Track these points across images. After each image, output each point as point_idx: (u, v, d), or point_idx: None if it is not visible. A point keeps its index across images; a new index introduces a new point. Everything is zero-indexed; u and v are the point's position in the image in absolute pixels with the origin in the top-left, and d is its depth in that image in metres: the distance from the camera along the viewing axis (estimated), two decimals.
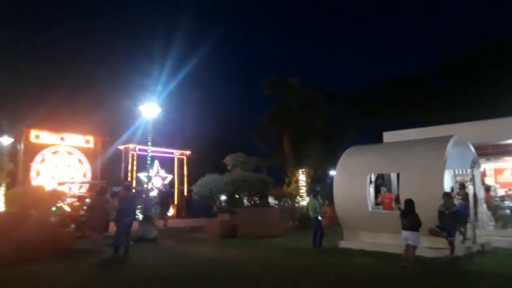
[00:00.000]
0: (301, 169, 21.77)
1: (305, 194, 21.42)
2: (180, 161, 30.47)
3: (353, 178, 11.47)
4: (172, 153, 29.86)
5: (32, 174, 23.85)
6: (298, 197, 20.97)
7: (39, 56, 51.87)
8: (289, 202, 20.21)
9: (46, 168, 24.51)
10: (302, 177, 22.03)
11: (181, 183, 30.06)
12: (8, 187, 13.38)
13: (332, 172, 18.73)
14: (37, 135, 24.32)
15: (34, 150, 24.09)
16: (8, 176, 12.91)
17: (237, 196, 16.98)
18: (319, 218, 11.39)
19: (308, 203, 14.48)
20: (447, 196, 9.15)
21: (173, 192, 28.56)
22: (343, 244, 11.34)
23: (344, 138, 21.47)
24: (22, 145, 23.55)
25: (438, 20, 69.71)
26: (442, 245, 8.96)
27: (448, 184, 11.70)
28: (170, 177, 29.31)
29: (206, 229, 15.48)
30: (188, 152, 30.42)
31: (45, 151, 24.51)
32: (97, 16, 65.53)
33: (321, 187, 23.29)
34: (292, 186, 21.22)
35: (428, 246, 9.22)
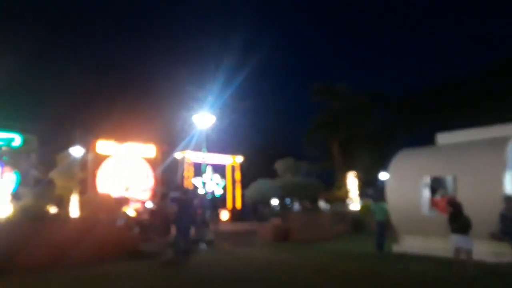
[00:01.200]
0: (351, 172, 21.58)
1: (356, 198, 21.20)
2: (232, 167, 31.31)
3: (407, 181, 11.31)
4: (225, 159, 30.78)
5: (99, 181, 25.76)
6: (349, 201, 20.81)
7: (102, 69, 55.73)
8: (340, 206, 20.12)
9: (111, 175, 26.35)
10: (352, 181, 21.84)
11: (233, 188, 30.87)
12: (80, 194, 14.73)
13: (383, 175, 18.39)
14: (103, 145, 26.25)
15: (101, 159, 26.01)
16: (80, 184, 14.23)
17: (288, 201, 17.24)
18: (385, 221, 11.29)
19: (363, 206, 14.33)
20: (509, 199, 8.78)
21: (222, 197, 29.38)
22: (397, 248, 11.20)
23: (394, 141, 21.01)
24: (91, 155, 25.53)
25: (490, 20, 65.42)
26: (504, 249, 8.60)
27: (511, 187, 11.13)
28: (223, 182, 30.22)
29: (259, 233, 15.88)
30: (239, 158, 31.19)
31: (110, 160, 26.38)
32: (156, 30, 69.04)
33: (372, 190, 22.89)
34: (342, 190, 21.11)
35: (490, 250, 8.89)
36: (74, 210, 13.38)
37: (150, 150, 28.12)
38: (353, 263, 9.83)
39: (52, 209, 11.26)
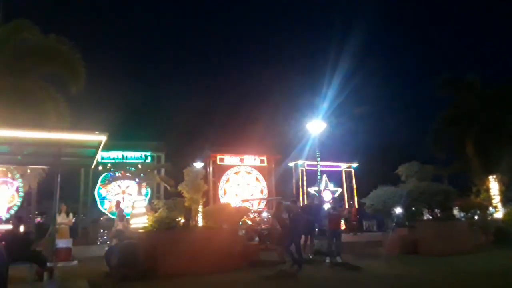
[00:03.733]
0: (492, 175, 18.81)
1: (499, 204, 18.39)
2: (348, 174, 30.24)
3: None
4: (339, 166, 29.91)
5: (220, 192, 27.29)
6: (490, 208, 18.16)
7: (219, 87, 59.63)
8: (480, 214, 17.66)
9: (231, 187, 27.71)
10: (494, 185, 19.03)
11: (350, 196, 29.75)
12: (204, 205, 15.70)
13: None
14: (221, 158, 27.83)
15: (220, 171, 27.59)
16: (204, 195, 15.22)
17: (414, 209, 15.78)
18: None
19: (507, 214, 12.32)
20: None
21: (319, 205, 28.41)
22: None
23: None
24: (211, 168, 27.26)
25: None
26: None
27: None
28: (339, 190, 29.37)
29: (383, 244, 14.85)
30: (355, 165, 29.99)
31: (228, 172, 27.81)
32: (268, 40, 71.53)
33: None
34: (481, 196, 18.53)
35: None
36: (200, 220, 14.26)
37: (263, 160, 28.86)
38: (502, 282, 8.42)
39: (182, 220, 12.09)
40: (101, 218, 23.62)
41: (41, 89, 12.17)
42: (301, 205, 24.52)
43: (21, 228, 7.71)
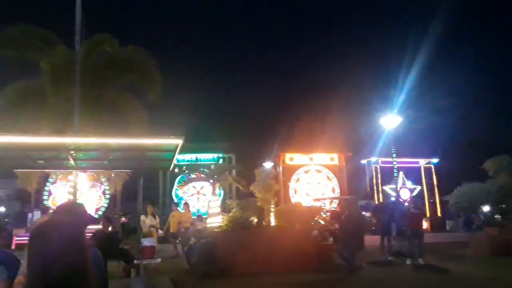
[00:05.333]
0: None
1: None
2: (427, 170, 28.46)
3: None
4: (417, 163, 28.25)
5: (291, 192, 27.22)
6: None
7: (287, 85, 59.63)
8: None
9: (301, 186, 27.51)
10: None
11: (430, 194, 27.96)
12: (275, 205, 15.74)
13: None
14: (291, 158, 27.74)
15: (290, 171, 27.52)
16: (275, 195, 15.27)
17: (504, 206, 14.38)
18: None
19: None
20: None
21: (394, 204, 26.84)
22: None
23: None
24: (281, 167, 27.30)
25: None
26: None
27: None
28: (418, 188, 27.75)
29: (470, 245, 13.71)
30: (435, 160, 28.12)
31: (299, 171, 27.63)
32: (335, 33, 70.21)
33: None
34: None
35: None
36: (272, 220, 14.32)
37: (334, 158, 28.24)
38: None
39: (255, 220, 12.22)
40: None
41: (121, 97, 13.11)
42: (376, 204, 23.64)
43: (110, 228, 8.33)
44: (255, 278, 9.06)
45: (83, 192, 18.70)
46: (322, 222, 19.07)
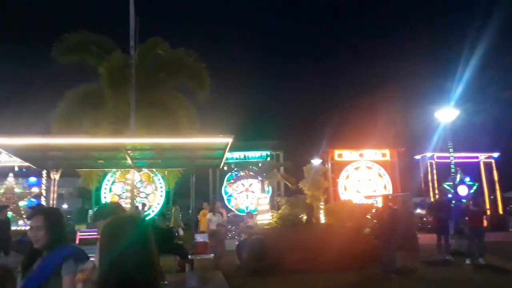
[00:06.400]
0: None
1: None
2: (487, 165, 26.76)
3: None
4: (477, 157, 26.64)
5: (340, 189, 26.78)
6: None
7: (336, 79, 58.62)
8: None
9: (351, 183, 26.95)
10: None
11: (491, 190, 26.28)
12: (325, 202, 15.59)
13: None
14: (339, 154, 27.26)
15: (339, 167, 27.04)
16: (324, 192, 15.09)
17: None
18: None
19: None
20: None
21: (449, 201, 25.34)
22: None
23: None
24: (329, 164, 26.94)
25: None
26: None
27: None
28: (477, 184, 26.20)
29: None
30: (496, 155, 26.38)
31: (348, 168, 27.07)
32: (386, 23, 68.08)
33: None
34: None
35: None
36: (322, 217, 14.21)
37: (385, 154, 27.38)
38: None
39: (304, 217, 12.21)
40: (228, 215, 25.29)
41: (173, 99, 13.60)
42: (432, 201, 22.65)
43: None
44: (305, 275, 9.06)
45: (139, 189, 19.64)
46: (375, 220, 18.62)
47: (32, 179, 21.52)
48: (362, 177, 26.96)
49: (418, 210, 18.66)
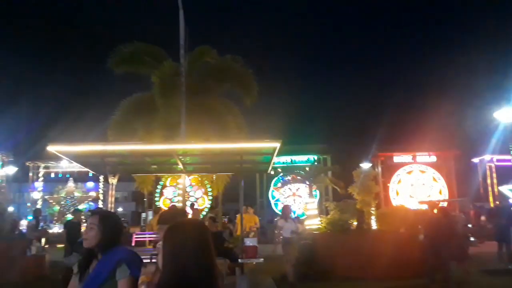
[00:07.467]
0: None
1: None
2: None
3: None
4: None
5: (391, 194, 25.88)
6: None
7: (386, 83, 56.90)
8: None
9: (403, 188, 25.98)
10: None
11: None
12: (376, 208, 15.12)
13: None
14: (390, 157, 26.40)
15: (390, 171, 26.21)
16: (376, 198, 14.63)
17: None
18: None
19: None
20: None
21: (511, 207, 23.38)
22: None
23: None
24: (379, 168, 26.14)
25: None
26: None
27: None
28: None
29: None
30: None
31: (400, 172, 26.15)
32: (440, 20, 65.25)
33: None
34: None
35: None
36: (373, 223, 13.78)
37: (440, 156, 26.10)
38: None
39: (354, 222, 11.92)
40: (275, 219, 25.26)
41: (221, 105, 13.88)
42: (491, 206, 21.31)
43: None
44: (357, 282, 8.85)
45: (189, 193, 20.16)
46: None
47: (90, 184, 22.82)
48: (415, 181, 25.89)
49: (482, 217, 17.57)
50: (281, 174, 27.22)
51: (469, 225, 15.69)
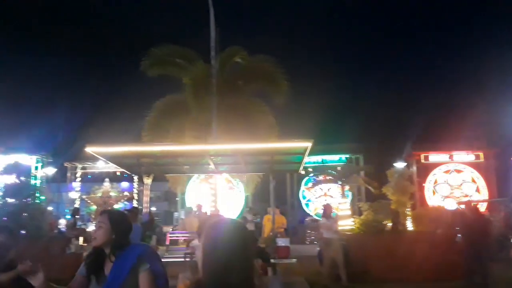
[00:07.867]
0: None
1: None
2: None
3: None
4: None
5: (427, 194, 25.05)
6: None
7: (418, 78, 55.27)
8: None
9: (440, 187, 25.10)
10: None
11: None
12: (412, 208, 14.66)
13: None
14: (426, 156, 25.54)
15: (425, 171, 25.35)
16: (411, 198, 14.21)
17: None
18: None
19: None
20: None
21: None
22: None
23: None
24: (414, 167, 25.35)
25: None
26: None
27: None
28: None
29: None
30: None
31: (436, 171, 25.25)
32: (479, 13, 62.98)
33: None
34: None
35: None
36: (409, 224, 13.39)
37: (478, 155, 25.03)
38: None
39: (388, 223, 11.61)
40: (306, 219, 24.98)
41: (252, 105, 13.92)
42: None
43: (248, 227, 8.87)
44: (392, 284, 8.64)
45: (221, 193, 20.32)
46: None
47: (125, 184, 23.41)
48: (452, 181, 24.95)
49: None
50: (312, 174, 26.94)
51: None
